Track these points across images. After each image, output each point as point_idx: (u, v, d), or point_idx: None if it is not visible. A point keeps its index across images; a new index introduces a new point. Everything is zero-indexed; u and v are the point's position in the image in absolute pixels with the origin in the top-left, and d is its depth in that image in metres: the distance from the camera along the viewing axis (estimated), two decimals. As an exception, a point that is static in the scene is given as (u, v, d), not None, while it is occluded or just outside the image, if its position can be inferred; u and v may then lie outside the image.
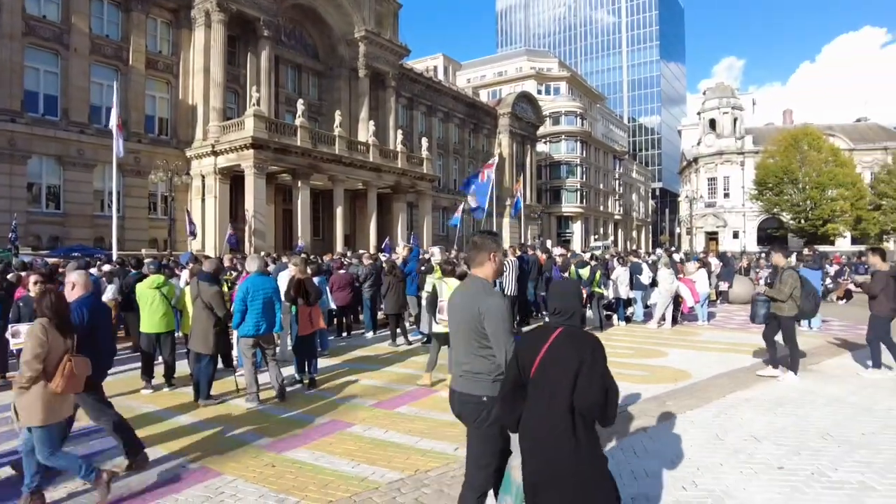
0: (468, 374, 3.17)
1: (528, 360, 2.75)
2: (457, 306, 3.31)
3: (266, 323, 6.64)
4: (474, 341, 3.14)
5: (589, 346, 2.67)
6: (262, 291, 6.66)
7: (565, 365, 2.63)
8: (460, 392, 3.19)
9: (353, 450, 5.08)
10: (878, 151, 58.99)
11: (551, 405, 2.62)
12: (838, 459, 4.70)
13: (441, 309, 7.12)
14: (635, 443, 5.15)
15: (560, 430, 2.58)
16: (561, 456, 2.57)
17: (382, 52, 39.54)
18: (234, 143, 28.02)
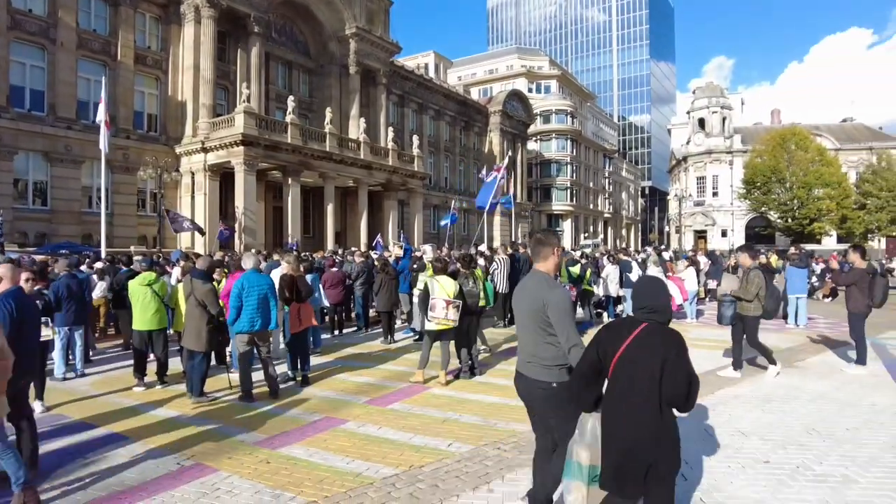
0: (537, 362, 3.46)
1: (611, 349, 2.98)
2: (522, 299, 3.59)
3: (261, 319, 6.66)
4: (541, 330, 3.41)
5: (674, 343, 2.93)
6: (258, 288, 6.67)
7: (650, 357, 2.87)
8: (529, 378, 3.49)
9: (347, 446, 5.13)
10: (863, 151, 59.72)
11: (635, 391, 2.89)
12: (823, 454, 4.82)
13: (433, 306, 7.16)
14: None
15: (643, 412, 2.86)
16: (644, 434, 2.85)
17: (373, 49, 39.44)
18: (224, 139, 27.86)
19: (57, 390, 7.17)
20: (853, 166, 57.02)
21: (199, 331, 6.55)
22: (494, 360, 8.86)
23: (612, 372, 2.97)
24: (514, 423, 5.69)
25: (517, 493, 4.05)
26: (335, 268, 11.57)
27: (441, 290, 7.21)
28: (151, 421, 6.00)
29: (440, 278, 7.33)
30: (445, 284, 7.26)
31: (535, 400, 3.51)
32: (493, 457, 4.77)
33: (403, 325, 12.18)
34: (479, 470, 4.49)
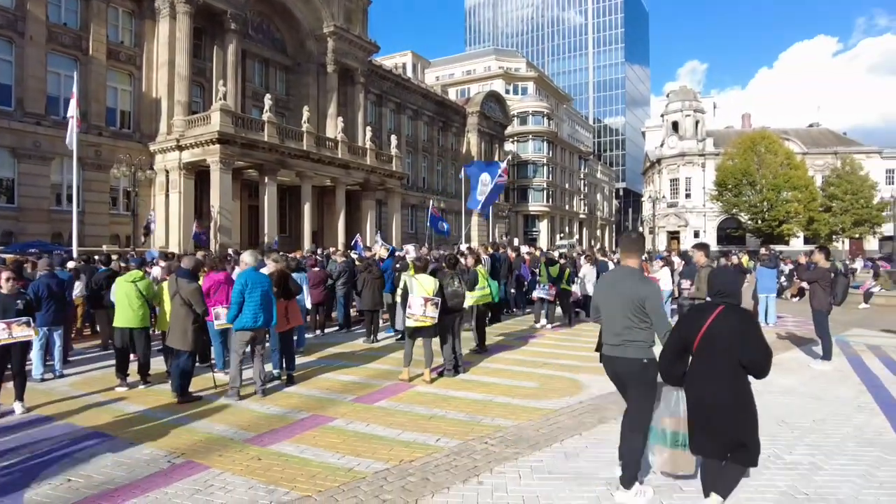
0: (627, 343, 3.98)
1: (693, 330, 3.62)
2: (613, 289, 4.17)
3: (264, 316, 6.68)
4: (634, 317, 3.95)
5: (749, 320, 3.60)
6: (260, 285, 6.70)
7: (729, 333, 3.48)
8: (620, 358, 4.03)
9: (336, 443, 5.21)
10: (828, 155, 61.61)
11: (717, 361, 3.51)
12: (792, 444, 5.07)
13: (411, 304, 7.30)
14: (609, 432, 5.42)
15: (724, 378, 3.49)
16: (725, 395, 3.48)
17: (351, 48, 39.32)
18: (199, 137, 27.52)
19: (36, 391, 7.08)
20: (819, 170, 58.78)
21: (185, 330, 6.55)
22: (478, 359, 9.00)
23: (697, 347, 3.59)
24: (499, 418, 5.85)
25: (505, 485, 4.19)
26: (317, 267, 11.59)
27: (420, 288, 7.34)
28: (137, 420, 6.00)
29: (419, 276, 7.46)
30: (424, 282, 7.40)
31: (626, 375, 4.04)
32: (481, 451, 4.91)
33: (386, 324, 12.26)
34: (468, 463, 4.62)
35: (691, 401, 3.65)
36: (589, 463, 4.62)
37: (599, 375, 7.74)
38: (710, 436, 3.52)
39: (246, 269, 6.86)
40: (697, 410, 3.60)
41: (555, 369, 8.29)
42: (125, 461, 4.82)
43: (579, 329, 12.52)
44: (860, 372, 8.11)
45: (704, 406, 3.55)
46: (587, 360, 8.92)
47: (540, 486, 4.18)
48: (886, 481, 4.29)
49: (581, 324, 13.25)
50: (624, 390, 4.17)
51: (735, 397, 3.48)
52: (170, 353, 7.26)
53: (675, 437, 3.75)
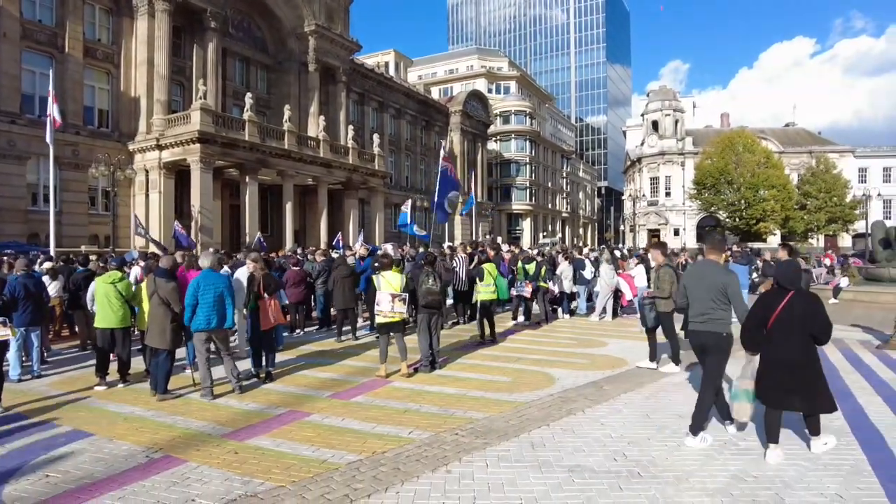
0: (711, 320, 5.15)
1: (770, 309, 4.70)
2: (701, 278, 5.32)
3: (217, 317, 6.77)
4: (717, 300, 5.13)
5: (816, 300, 4.73)
6: (213, 286, 6.78)
7: (802, 311, 4.59)
8: (705, 331, 5.19)
9: (312, 436, 5.36)
10: (804, 155, 62.85)
11: (791, 333, 4.60)
12: (748, 431, 5.33)
13: (379, 301, 7.48)
14: (575, 423, 5.64)
15: (798, 344, 4.60)
16: (798, 358, 4.59)
17: (333, 46, 39.27)
18: (179, 136, 27.35)
19: (13, 391, 7.11)
20: (795, 169, 59.92)
21: (164, 329, 6.64)
22: (455, 355, 9.18)
23: (773, 322, 4.68)
24: (471, 411, 6.04)
25: (472, 473, 4.38)
26: (297, 266, 11.68)
27: (387, 284, 7.53)
28: (116, 418, 6.08)
29: (385, 273, 7.65)
30: (391, 279, 7.58)
31: (708, 345, 5.21)
32: (451, 442, 5.09)
33: (365, 323, 12.40)
34: (438, 454, 4.80)
35: (770, 362, 4.70)
36: (553, 452, 4.82)
37: (571, 370, 8.01)
38: (785, 390, 4.61)
39: (201, 272, 6.95)
40: (775, 369, 4.67)
41: (528, 364, 8.50)
42: (103, 457, 4.91)
43: (555, 325, 12.77)
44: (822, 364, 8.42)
45: (782, 365, 4.63)
46: (561, 356, 9.17)
47: (505, 474, 4.37)
48: (830, 463, 4.56)
49: (557, 320, 13.49)
50: (703, 357, 5.31)
51: (807, 358, 4.61)
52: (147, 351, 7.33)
53: (751, 395, 4.87)
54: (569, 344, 10.28)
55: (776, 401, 4.66)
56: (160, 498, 4.08)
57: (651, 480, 4.23)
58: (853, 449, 4.90)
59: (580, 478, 4.28)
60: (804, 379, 4.58)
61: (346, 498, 3.99)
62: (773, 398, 4.67)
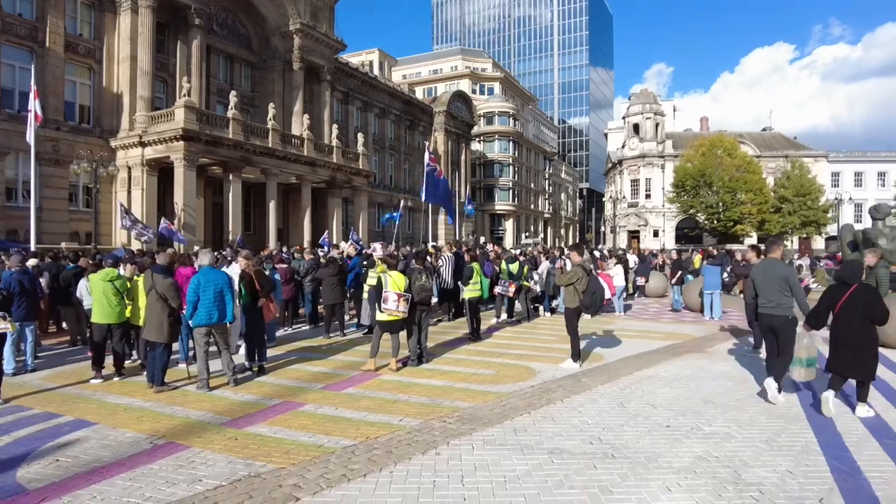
0: (779, 305, 6.49)
1: (836, 298, 6.01)
2: (769, 272, 6.65)
3: (218, 313, 7.05)
4: (782, 290, 6.47)
5: (876, 292, 6.07)
6: (214, 283, 7.06)
7: (863, 299, 5.84)
8: (775, 314, 6.53)
9: (308, 424, 5.67)
10: (780, 159, 64.37)
11: (855, 316, 5.83)
12: (713, 418, 5.78)
13: (385, 299, 7.76)
14: (555, 411, 6.03)
15: (860, 326, 5.83)
16: (858, 336, 5.83)
17: (317, 45, 39.36)
18: (163, 134, 27.30)
19: (10, 385, 7.27)
20: (771, 172, 61.33)
21: (161, 323, 6.89)
22: (440, 350, 9.53)
23: (840, 308, 5.93)
24: (458, 401, 6.40)
25: (460, 455, 4.74)
26: (284, 264, 11.92)
27: (393, 284, 7.82)
28: (116, 408, 6.32)
29: (392, 273, 7.94)
30: (397, 279, 7.88)
31: (777, 325, 6.52)
32: (440, 428, 5.44)
33: (352, 320, 12.69)
34: (428, 439, 5.15)
35: (838, 339, 5.97)
36: (534, 436, 5.20)
37: (551, 364, 8.42)
38: (845, 360, 5.87)
39: (200, 269, 7.22)
40: (841, 345, 5.91)
41: (511, 358, 8.90)
42: (109, 444, 5.17)
43: (536, 323, 13.20)
44: (786, 359, 8.96)
45: (845, 343, 5.87)
46: (542, 351, 9.58)
47: (490, 456, 4.73)
48: (784, 445, 5.01)
49: (538, 318, 13.91)
50: (774, 336, 6.62)
51: (866, 339, 5.85)
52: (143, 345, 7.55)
53: (806, 362, 6.23)
54: (549, 340, 10.70)
55: (840, 369, 5.94)
56: (169, 479, 4.36)
57: (623, 461, 4.62)
58: (805, 432, 5.37)
59: (559, 458, 4.66)
60: (862, 355, 5.79)
61: (343, 477, 4.32)
62: (838, 366, 5.94)
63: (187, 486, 4.21)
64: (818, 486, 4.16)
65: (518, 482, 4.21)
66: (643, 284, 20.00)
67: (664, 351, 9.64)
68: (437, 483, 4.21)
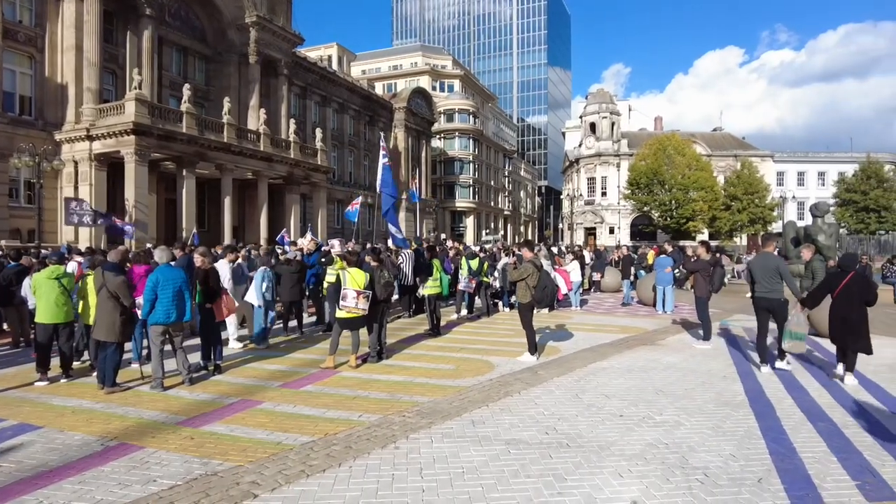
0: (773, 290, 7.80)
1: (836, 283, 7.25)
2: (763, 262, 7.95)
3: (177, 311, 6.90)
4: (774, 278, 7.76)
5: (869, 281, 7.91)
6: (172, 281, 6.90)
7: (858, 287, 7.08)
8: (771, 298, 7.81)
9: (265, 422, 5.62)
10: (729, 158, 66.79)
11: (849, 299, 7.06)
12: (664, 407, 6.01)
13: (344, 296, 7.73)
14: (512, 403, 6.15)
15: (854, 307, 7.03)
16: (852, 315, 7.04)
17: (275, 38, 38.66)
18: (112, 127, 26.38)
19: (-52, 388, 6.95)
20: (721, 171, 63.55)
21: (113, 322, 6.68)
22: (400, 346, 9.56)
23: (838, 293, 7.18)
24: (417, 395, 6.45)
25: (419, 448, 4.80)
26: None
27: (352, 281, 7.79)
28: (63, 411, 6.11)
29: (351, 270, 7.90)
30: (356, 276, 7.86)
31: (773, 307, 7.82)
32: (399, 423, 5.48)
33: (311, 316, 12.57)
34: (387, 433, 5.19)
35: (837, 317, 7.18)
36: (492, 428, 5.31)
37: (509, 358, 8.57)
38: (843, 335, 7.11)
39: (159, 267, 7.06)
40: (840, 321, 7.12)
41: (471, 353, 9.01)
42: (56, 447, 5.00)
43: (495, 318, 13.36)
44: (732, 350, 9.38)
45: (844, 321, 7.07)
46: (500, 345, 9.73)
47: (449, 448, 4.81)
48: (729, 430, 5.26)
49: (497, 314, 14.09)
50: (768, 316, 7.93)
51: (860, 316, 7.03)
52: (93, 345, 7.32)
53: (796, 335, 7.47)
54: (508, 334, 10.87)
55: (841, 340, 7.19)
56: (121, 480, 4.27)
57: (577, 450, 4.77)
58: (749, 418, 5.64)
59: (515, 449, 4.78)
60: (855, 329, 7.01)
61: (302, 473, 4.32)
62: (838, 338, 7.22)
63: (141, 487, 4.13)
64: (758, 468, 4.40)
65: (476, 473, 4.30)
66: (599, 280, 20.47)
67: (618, 344, 9.93)
68: (396, 476, 4.26)
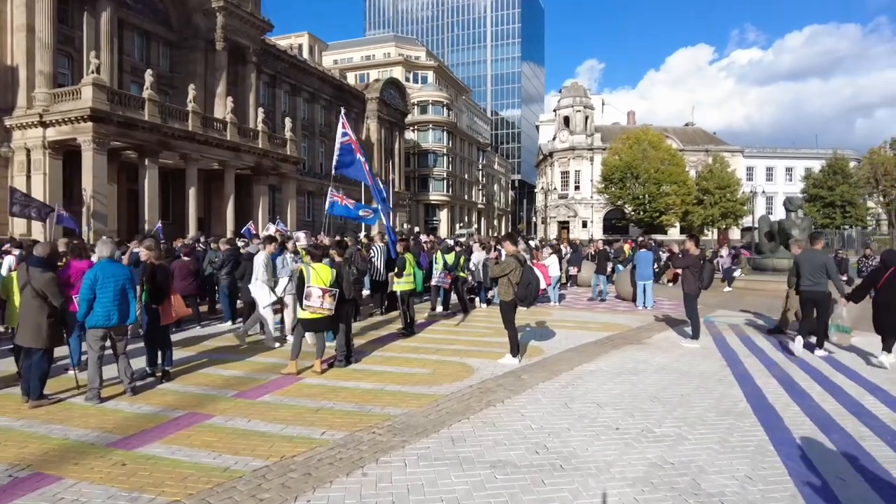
0: (819, 284, 8.39)
1: (878, 277, 7.78)
2: (812, 259, 8.52)
3: (118, 313, 6.06)
4: (821, 272, 8.35)
5: None
6: (114, 279, 6.06)
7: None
8: (816, 290, 8.42)
9: (213, 441, 4.87)
10: (701, 153, 67.43)
11: (891, 290, 7.49)
12: (662, 418, 5.44)
13: (308, 294, 6.97)
14: (495, 415, 5.52)
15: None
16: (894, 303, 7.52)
17: (243, 25, 37.28)
18: (68, 113, 24.97)
19: None
20: (693, 166, 64.12)
21: (39, 325, 5.83)
22: (370, 348, 8.85)
23: (882, 284, 7.62)
24: (389, 407, 5.77)
25: (390, 475, 4.13)
26: (188, 256, 10.79)
27: (316, 278, 7.04)
28: (-24, 429, 5.26)
29: (316, 265, 7.15)
30: (321, 273, 7.11)
31: (818, 299, 8.45)
32: (368, 441, 4.79)
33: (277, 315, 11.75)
34: (353, 455, 4.50)
35: (881, 306, 7.62)
36: (474, 447, 4.65)
37: (489, 360, 7.94)
38: (890, 324, 7.54)
39: (98, 262, 6.22)
40: (883, 311, 7.58)
41: (447, 355, 8.35)
42: (-44, 477, 4.19)
43: (472, 315, 12.74)
44: (722, 349, 8.91)
45: (887, 308, 7.51)
46: (479, 345, 9.10)
47: (425, 473, 4.14)
48: (738, 445, 4.71)
49: (474, 310, 13.47)
50: (813, 308, 8.56)
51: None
52: (19, 352, 6.45)
53: (842, 328, 8.11)
54: (486, 333, 10.25)
55: (886, 328, 7.61)
56: (24, 524, 3.50)
57: (573, 472, 4.16)
58: (756, 430, 5.11)
59: (503, 473, 4.14)
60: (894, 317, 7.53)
61: (250, 510, 3.61)
62: (883, 326, 7.64)
63: (48, 533, 3.37)
64: (779, 493, 3.85)
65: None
66: (576, 274, 20.03)
67: (603, 343, 9.39)
68: (363, 512, 3.58)
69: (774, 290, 17.33)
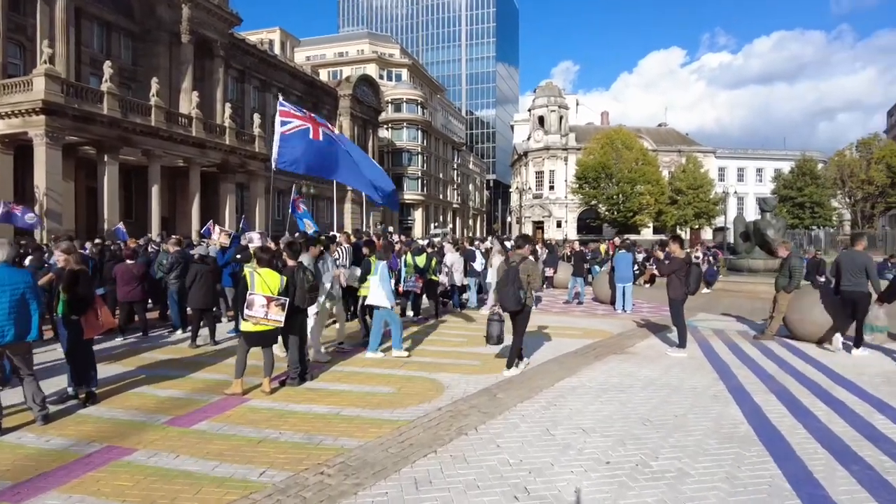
0: (859, 284, 8.43)
1: None
2: (853, 259, 8.59)
3: (14, 328, 5.12)
4: (860, 274, 8.44)
5: None
6: (10, 287, 5.14)
7: None
8: (854, 291, 8.44)
9: (126, 487, 4.01)
10: (674, 153, 67.85)
11: None
12: (657, 447, 4.74)
13: (250, 303, 6.12)
14: (467, 445, 4.78)
15: None
16: None
17: (210, 17, 36.00)
18: (18, 105, 23.59)
19: None
20: (666, 166, 64.43)
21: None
22: (330, 362, 8.02)
23: None
24: (343, 437, 4.96)
25: (337, 534, 3.35)
26: (131, 259, 9.82)
27: (261, 284, 6.19)
28: None
29: (262, 271, 6.29)
30: (268, 278, 6.26)
31: (857, 298, 8.40)
32: (314, 485, 3.99)
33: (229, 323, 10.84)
34: (295, 505, 3.71)
35: None
36: (441, 492, 3.88)
37: (461, 374, 7.20)
38: None
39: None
40: None
41: (415, 369, 7.56)
42: None
43: (446, 322, 11.97)
44: (711, 359, 8.31)
45: None
46: (450, 357, 8.37)
47: (380, 532, 3.38)
48: (749, 482, 4.04)
49: (447, 314, 12.72)
50: (851, 308, 8.52)
51: None
52: None
53: (878, 328, 8.41)
54: (459, 343, 9.51)
55: None
56: None
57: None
58: (765, 461, 4.45)
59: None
60: None
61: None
62: None
63: None
64: (808, 552, 3.18)
65: (417, 579, 2.89)
66: (552, 276, 19.44)
67: (584, 353, 8.73)
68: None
69: (751, 291, 17.02)
